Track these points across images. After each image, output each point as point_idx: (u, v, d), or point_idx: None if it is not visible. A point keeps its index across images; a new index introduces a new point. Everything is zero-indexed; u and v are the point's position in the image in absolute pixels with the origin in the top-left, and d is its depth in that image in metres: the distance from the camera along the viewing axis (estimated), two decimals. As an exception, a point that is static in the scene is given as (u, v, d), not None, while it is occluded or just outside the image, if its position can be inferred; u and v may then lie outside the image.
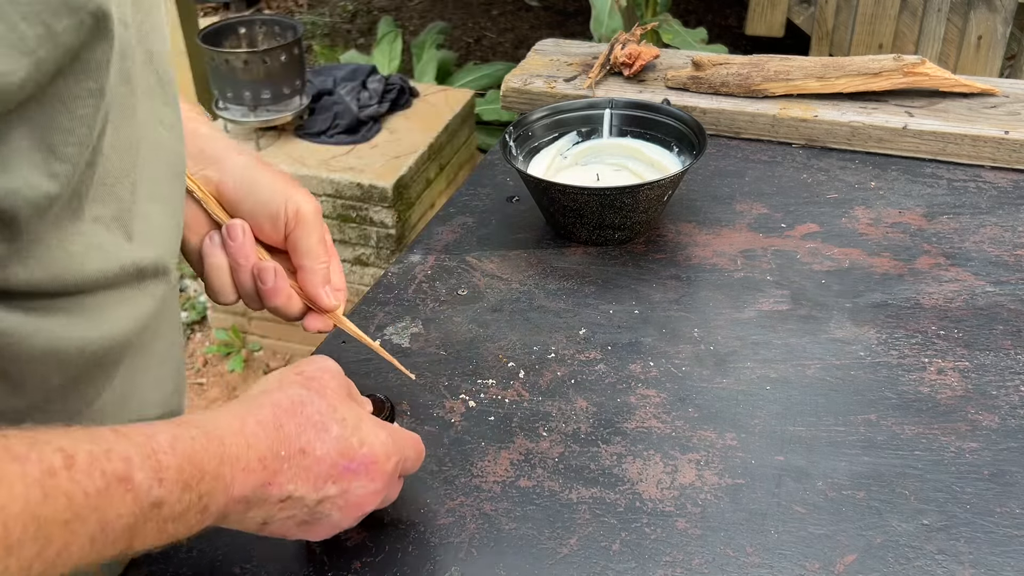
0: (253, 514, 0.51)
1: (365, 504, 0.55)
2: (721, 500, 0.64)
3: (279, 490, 0.51)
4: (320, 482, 0.52)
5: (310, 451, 0.52)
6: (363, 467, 0.54)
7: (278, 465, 0.51)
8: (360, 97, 2.40)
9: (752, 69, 1.11)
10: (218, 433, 0.49)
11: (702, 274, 0.87)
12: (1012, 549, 0.60)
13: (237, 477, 0.48)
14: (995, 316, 0.81)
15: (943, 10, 2.66)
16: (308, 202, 0.66)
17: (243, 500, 0.49)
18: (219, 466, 0.47)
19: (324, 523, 0.55)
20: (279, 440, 0.51)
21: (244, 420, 0.51)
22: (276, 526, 0.53)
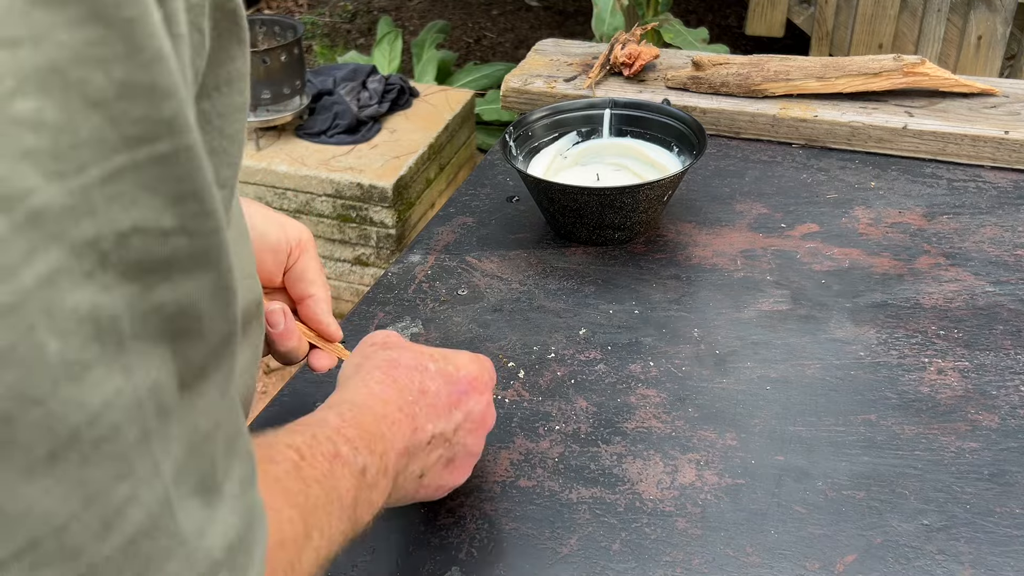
0: (413, 467, 0.55)
1: (487, 419, 0.60)
2: (721, 500, 0.64)
3: (423, 433, 0.55)
4: (446, 412, 0.57)
5: (426, 390, 0.56)
6: (469, 386, 0.59)
7: (413, 410, 0.55)
8: (360, 97, 2.40)
9: (752, 69, 1.11)
10: (359, 401, 0.53)
11: (702, 274, 0.87)
12: (1012, 549, 0.60)
13: (393, 431, 0.52)
14: (995, 316, 0.81)
15: (943, 10, 2.66)
16: (304, 229, 0.67)
17: (404, 452, 0.53)
18: (379, 426, 0.52)
19: (462, 455, 0.59)
20: (401, 391, 0.55)
21: (368, 386, 0.55)
22: (430, 475, 0.57)
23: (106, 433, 0.25)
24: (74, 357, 0.24)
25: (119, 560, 0.26)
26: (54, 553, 0.25)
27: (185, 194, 0.27)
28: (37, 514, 0.24)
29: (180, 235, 0.27)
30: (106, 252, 0.25)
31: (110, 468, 0.26)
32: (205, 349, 0.30)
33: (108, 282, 0.25)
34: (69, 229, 0.24)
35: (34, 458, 0.24)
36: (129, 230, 0.25)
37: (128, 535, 0.27)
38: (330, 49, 3.79)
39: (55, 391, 0.24)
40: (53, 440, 0.24)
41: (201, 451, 0.30)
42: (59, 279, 0.24)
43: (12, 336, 0.23)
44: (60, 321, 0.24)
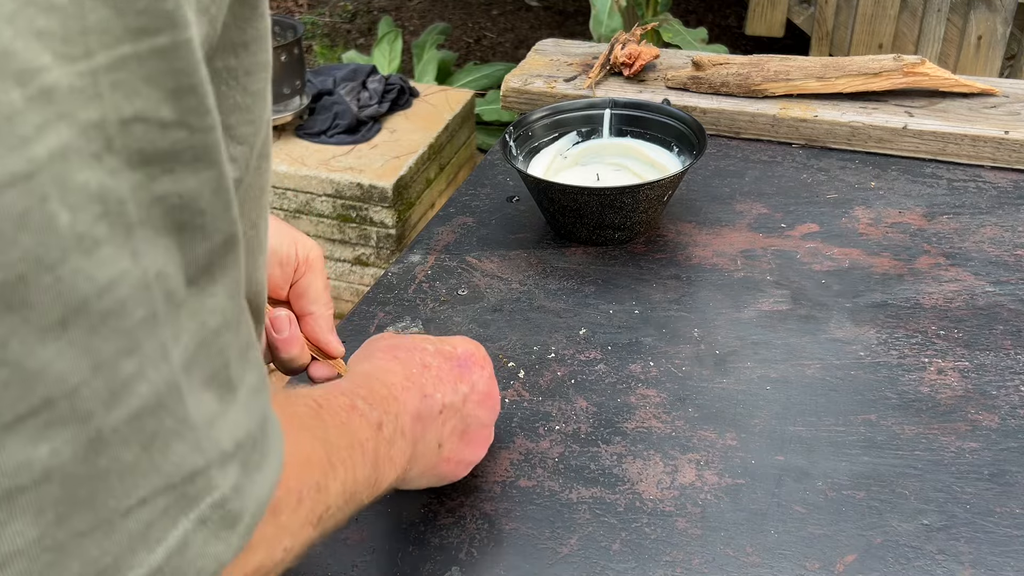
0: (429, 435, 0.56)
1: (493, 391, 0.62)
2: (721, 500, 0.64)
3: (433, 400, 0.56)
4: (452, 384, 0.58)
5: (428, 364, 0.58)
6: (469, 360, 0.61)
7: (419, 380, 0.56)
8: (360, 97, 2.40)
9: (752, 69, 1.11)
10: (367, 372, 0.55)
11: (702, 274, 0.87)
12: (1012, 549, 0.60)
13: (404, 396, 0.54)
14: (995, 316, 0.81)
15: (943, 10, 2.66)
16: (315, 247, 0.67)
17: (418, 418, 0.54)
18: (389, 390, 0.53)
19: (475, 426, 0.61)
20: (404, 364, 0.57)
21: (373, 363, 0.56)
22: (448, 446, 0.58)
23: (113, 307, 0.27)
24: (84, 231, 0.26)
25: (125, 432, 0.28)
26: (67, 414, 0.26)
27: (183, 88, 0.28)
28: (51, 375, 0.26)
29: (180, 128, 0.29)
30: (111, 137, 0.26)
31: (117, 341, 0.27)
32: (209, 246, 0.31)
33: (114, 166, 0.27)
34: (77, 110, 0.25)
35: (48, 321, 0.25)
36: (131, 118, 0.27)
37: (134, 408, 0.28)
38: (330, 49, 3.79)
39: (66, 259, 0.25)
40: (64, 306, 0.26)
41: (211, 348, 0.32)
42: (69, 155, 0.25)
43: (28, 202, 0.24)
44: (71, 195, 0.25)
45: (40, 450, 0.26)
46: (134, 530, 0.29)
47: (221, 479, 0.32)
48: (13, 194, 0.24)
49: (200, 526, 0.31)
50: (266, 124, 0.39)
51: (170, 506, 0.30)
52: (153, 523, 0.29)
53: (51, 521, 0.27)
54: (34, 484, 0.26)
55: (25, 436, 0.26)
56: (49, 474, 0.26)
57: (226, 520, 0.32)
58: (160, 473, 0.29)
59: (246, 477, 0.33)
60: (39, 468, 0.26)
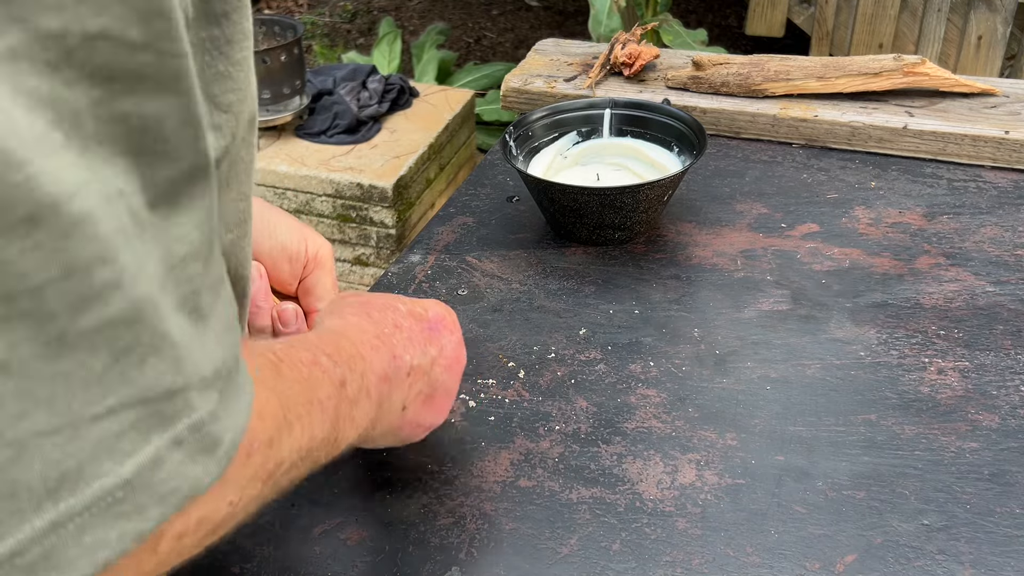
0: (395, 396, 0.55)
1: (460, 356, 0.62)
2: (721, 500, 0.64)
3: (401, 362, 0.55)
4: (421, 346, 0.58)
5: (400, 325, 0.57)
6: (440, 324, 0.60)
7: (390, 340, 0.55)
8: (360, 97, 2.40)
9: (752, 69, 1.11)
10: (336, 328, 0.54)
11: (702, 274, 0.87)
12: (1012, 549, 0.59)
13: (373, 356, 0.53)
14: (995, 316, 0.80)
15: (943, 10, 2.66)
16: (325, 244, 0.67)
17: (385, 378, 0.53)
18: (357, 348, 0.52)
19: (441, 391, 0.60)
20: (376, 323, 0.56)
21: (344, 319, 0.55)
22: (411, 409, 0.58)
23: (83, 213, 0.27)
24: (42, 134, 0.26)
25: (94, 339, 0.28)
26: (28, 311, 0.26)
27: (153, 11, 0.29)
28: (14, 271, 0.26)
29: (147, 51, 0.29)
30: (72, 48, 0.27)
31: (90, 248, 0.27)
32: (172, 174, 0.31)
33: (70, 77, 0.27)
34: (34, 16, 0.26)
35: (12, 219, 0.25)
36: (97, 34, 0.27)
37: (105, 317, 0.28)
38: (330, 49, 3.79)
39: (31, 160, 0.25)
40: (31, 204, 0.26)
41: (180, 274, 0.32)
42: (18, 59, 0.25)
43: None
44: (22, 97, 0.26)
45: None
46: (101, 438, 0.29)
47: (200, 402, 0.32)
48: None
49: (175, 446, 0.31)
50: (251, 96, 0.39)
51: (141, 420, 0.30)
52: (123, 435, 0.29)
53: (10, 415, 0.27)
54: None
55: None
56: (6, 367, 0.26)
57: (203, 444, 0.32)
58: (133, 385, 0.29)
59: (223, 405, 0.33)
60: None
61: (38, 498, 0.28)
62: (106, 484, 0.29)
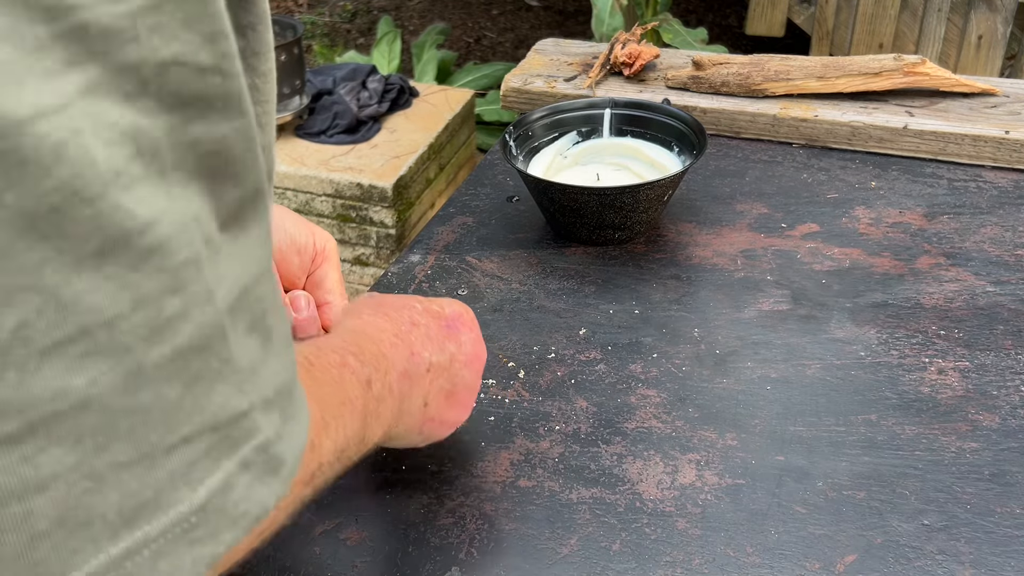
0: (416, 393, 0.56)
1: (480, 352, 0.62)
2: (721, 500, 0.64)
3: (420, 359, 0.56)
4: (440, 343, 0.58)
5: (417, 322, 0.58)
6: (457, 321, 0.61)
7: (408, 338, 0.56)
8: (360, 97, 2.40)
9: (752, 69, 1.11)
10: (356, 328, 0.54)
11: (702, 274, 0.87)
12: (1012, 549, 0.59)
13: (393, 354, 0.54)
14: (995, 316, 0.80)
15: (943, 10, 2.66)
16: (330, 239, 0.68)
17: (405, 375, 0.54)
18: (378, 347, 0.53)
19: (462, 387, 0.60)
20: (393, 322, 0.57)
21: (361, 319, 0.56)
22: (433, 406, 0.58)
23: (155, 245, 0.27)
24: (121, 167, 0.26)
25: (168, 369, 0.28)
26: (106, 345, 0.27)
27: (217, 33, 0.29)
28: (86, 305, 0.26)
29: (215, 74, 0.29)
30: (147, 79, 0.27)
31: (160, 279, 0.28)
32: (240, 194, 0.31)
33: (148, 107, 0.27)
34: (112, 50, 0.26)
35: (84, 252, 0.26)
36: (169, 61, 0.27)
37: (177, 347, 0.28)
38: (330, 49, 3.78)
39: (105, 193, 0.26)
40: (102, 238, 0.26)
41: (250, 295, 0.32)
42: (99, 92, 0.26)
43: (63, 135, 0.25)
44: (104, 131, 0.26)
45: (78, 378, 0.26)
46: (176, 467, 0.29)
47: (265, 424, 0.32)
48: (48, 124, 0.24)
49: (243, 469, 0.31)
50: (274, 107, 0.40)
51: (213, 447, 0.30)
52: (196, 462, 0.30)
53: (90, 449, 0.27)
54: (72, 411, 0.26)
55: (62, 363, 0.26)
56: (87, 403, 0.27)
57: (270, 465, 0.32)
58: (204, 413, 0.30)
59: (285, 425, 0.33)
60: (77, 396, 0.26)
61: (114, 527, 0.28)
62: (181, 511, 0.29)
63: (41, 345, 0.26)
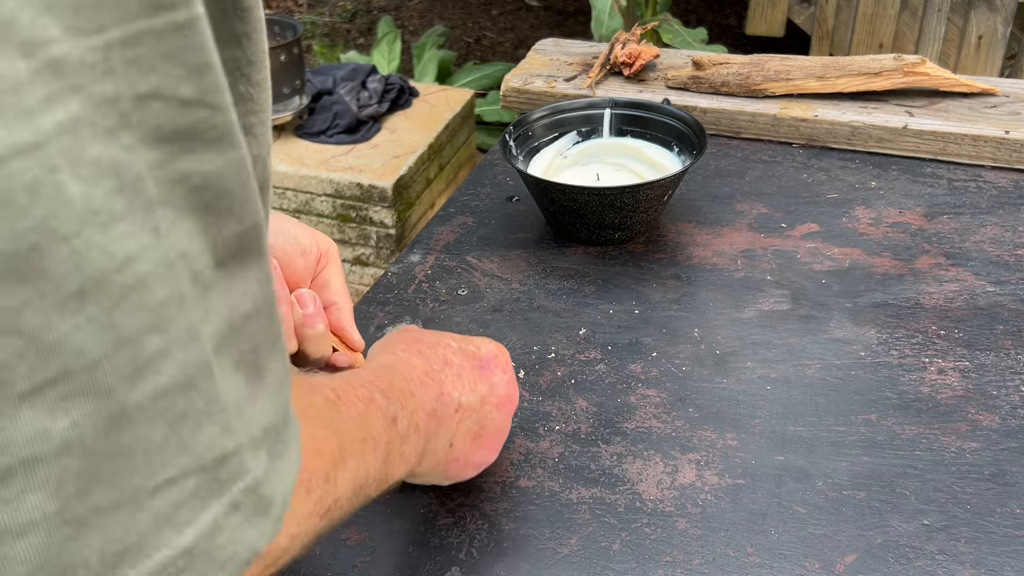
0: (442, 433, 0.56)
1: (512, 394, 0.62)
2: (721, 500, 0.64)
3: (450, 399, 0.56)
4: (471, 384, 0.58)
5: (450, 362, 0.58)
6: (492, 362, 0.61)
7: (439, 377, 0.56)
8: (360, 97, 2.40)
9: (752, 69, 1.11)
10: (387, 363, 0.55)
11: (702, 274, 0.87)
12: (1012, 549, 0.59)
13: (422, 392, 0.54)
14: (995, 316, 0.80)
15: (943, 10, 2.66)
16: (331, 242, 0.68)
17: (433, 415, 0.54)
18: (408, 384, 0.53)
19: (490, 430, 0.60)
20: (426, 359, 0.57)
21: (395, 354, 0.56)
22: (459, 446, 0.58)
23: (134, 283, 0.27)
24: (99, 205, 0.25)
25: (151, 409, 0.28)
26: (86, 387, 0.26)
27: (202, 66, 0.28)
28: (68, 347, 0.25)
29: (200, 107, 0.28)
30: (126, 113, 0.26)
31: (140, 318, 0.27)
32: (238, 229, 0.31)
33: (129, 142, 0.26)
34: (89, 84, 0.25)
35: (65, 293, 0.25)
36: (148, 94, 0.26)
37: (160, 387, 0.28)
38: (330, 49, 3.78)
39: (81, 232, 0.25)
40: (82, 278, 0.25)
41: (242, 332, 0.31)
42: (80, 128, 0.25)
43: (37, 173, 0.24)
44: (82, 168, 0.25)
45: (59, 422, 0.26)
46: (161, 510, 0.28)
47: (252, 464, 0.31)
48: (22, 163, 0.24)
49: (232, 511, 0.31)
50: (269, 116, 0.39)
51: (200, 488, 0.29)
52: (182, 504, 0.29)
53: (71, 494, 0.26)
54: (53, 456, 0.26)
55: (42, 407, 0.25)
56: (69, 447, 0.26)
57: (259, 506, 0.32)
58: (190, 454, 0.29)
59: (273, 464, 0.33)
60: (58, 440, 0.26)
61: (96, 574, 0.27)
62: (166, 555, 0.29)
63: (21, 389, 0.25)
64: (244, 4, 0.33)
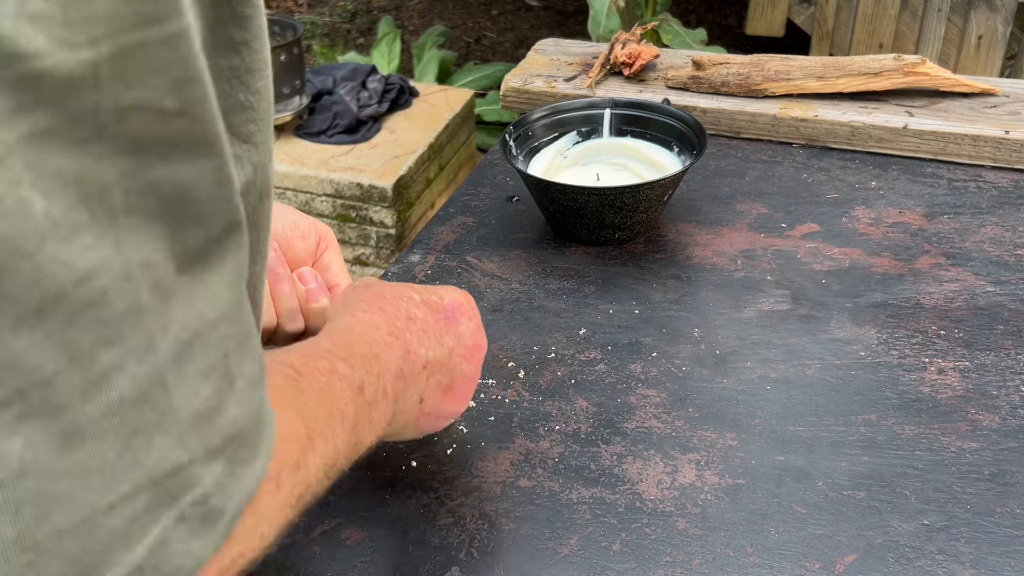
0: (411, 391, 0.54)
1: (480, 343, 0.61)
2: (721, 500, 0.64)
3: (416, 356, 0.55)
4: (437, 337, 0.57)
5: (413, 316, 0.56)
6: (457, 311, 0.59)
7: (403, 335, 0.54)
8: (360, 97, 2.40)
9: (752, 69, 1.11)
10: (347, 327, 0.53)
11: (702, 274, 0.87)
12: (1012, 549, 0.59)
13: (387, 354, 0.52)
14: (995, 316, 0.80)
15: (943, 10, 2.66)
16: (330, 229, 0.69)
17: (400, 375, 0.53)
18: (371, 347, 0.51)
19: (460, 380, 0.59)
20: (389, 317, 0.55)
21: (355, 315, 0.54)
22: (429, 401, 0.57)
23: (93, 297, 0.26)
24: (60, 217, 0.25)
25: (103, 425, 0.27)
26: (40, 406, 0.26)
27: (188, 78, 0.28)
28: (24, 366, 0.25)
29: (181, 118, 0.28)
30: (104, 124, 0.26)
31: (96, 332, 0.26)
32: (205, 235, 0.30)
33: (102, 152, 0.26)
34: (68, 97, 0.25)
35: (23, 311, 0.25)
36: (130, 106, 0.26)
37: (112, 400, 0.27)
38: (330, 49, 3.78)
39: (43, 247, 0.25)
40: (41, 295, 0.25)
41: (209, 338, 0.31)
42: (45, 140, 0.25)
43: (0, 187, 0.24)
44: (45, 180, 0.25)
45: (14, 443, 0.25)
46: (116, 527, 0.28)
47: (204, 475, 0.31)
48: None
49: (179, 523, 0.30)
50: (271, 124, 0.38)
51: (152, 502, 0.29)
52: (136, 520, 0.28)
53: (29, 519, 0.26)
54: (11, 479, 0.25)
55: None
56: (25, 468, 0.25)
57: (207, 517, 0.31)
58: (142, 468, 0.28)
59: (230, 474, 0.32)
60: (14, 462, 0.25)
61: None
62: (119, 573, 0.28)
63: None
64: (243, 12, 0.33)
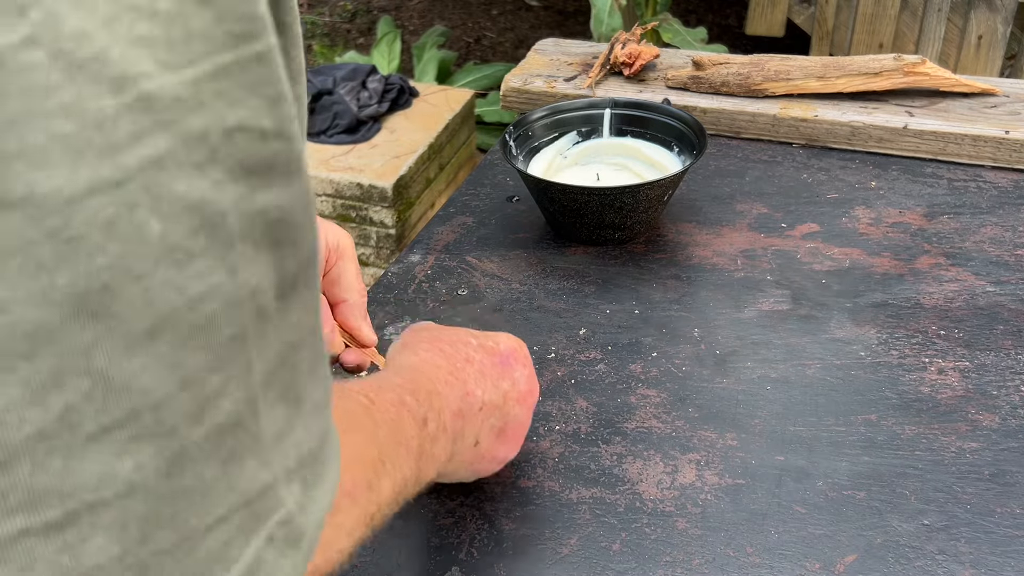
0: (468, 431, 0.56)
1: (533, 389, 0.62)
2: (721, 500, 0.64)
3: (474, 397, 0.56)
4: (493, 381, 0.58)
5: (471, 359, 0.58)
6: (511, 357, 0.61)
7: (462, 375, 0.56)
8: (360, 97, 2.40)
9: (752, 69, 1.11)
10: (412, 365, 0.55)
11: (702, 274, 0.87)
12: (1012, 549, 0.59)
13: (448, 392, 0.54)
14: (995, 316, 0.80)
15: (943, 10, 2.66)
16: (345, 235, 0.67)
17: (459, 414, 0.55)
18: (434, 385, 0.53)
19: (513, 424, 0.60)
20: (449, 358, 0.57)
21: (417, 355, 0.56)
22: (484, 443, 0.58)
23: (203, 323, 0.26)
24: (177, 242, 0.25)
25: (208, 448, 0.27)
26: (152, 428, 0.26)
27: (279, 96, 0.28)
28: (137, 388, 0.25)
29: (278, 138, 0.28)
30: (215, 147, 0.26)
31: (205, 357, 0.27)
32: (298, 260, 0.30)
33: (218, 178, 0.26)
34: (180, 119, 0.25)
35: (135, 332, 0.25)
36: (235, 127, 0.26)
37: (217, 425, 0.28)
38: (330, 49, 3.78)
39: (155, 271, 0.25)
40: (152, 317, 0.25)
41: (289, 362, 0.31)
42: (167, 164, 0.25)
43: (115, 210, 0.24)
44: (164, 205, 0.25)
45: (124, 464, 0.25)
46: (213, 548, 0.28)
47: (287, 496, 0.31)
48: (101, 201, 0.23)
49: (269, 544, 0.30)
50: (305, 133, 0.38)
51: (244, 524, 0.29)
52: (231, 541, 0.29)
53: (134, 538, 0.26)
54: (117, 499, 0.25)
55: (109, 449, 0.25)
56: (133, 489, 0.26)
57: (291, 537, 0.32)
58: (236, 490, 0.29)
59: (306, 494, 0.33)
60: (123, 482, 0.25)
61: None
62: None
63: (88, 430, 0.24)
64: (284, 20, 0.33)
